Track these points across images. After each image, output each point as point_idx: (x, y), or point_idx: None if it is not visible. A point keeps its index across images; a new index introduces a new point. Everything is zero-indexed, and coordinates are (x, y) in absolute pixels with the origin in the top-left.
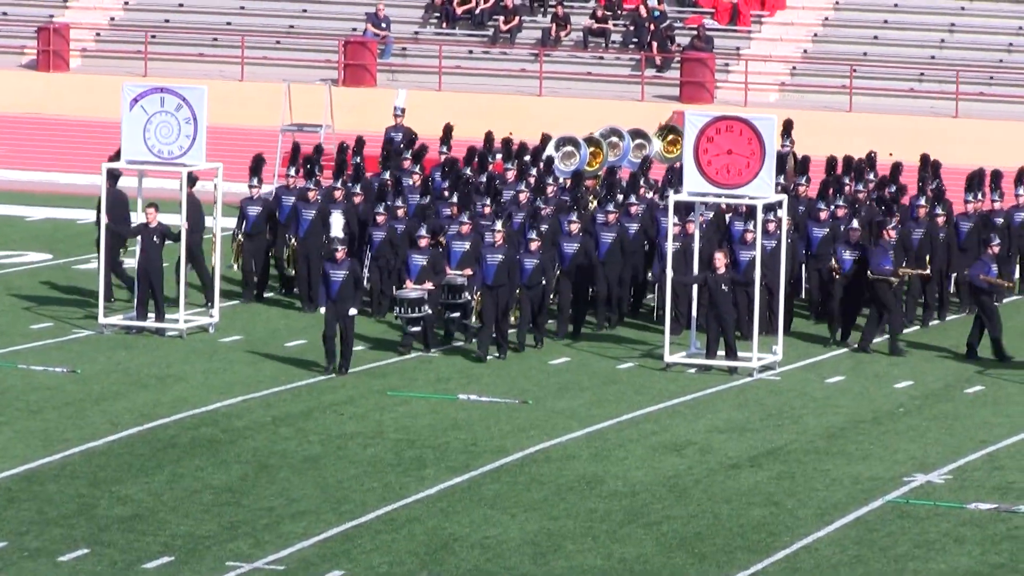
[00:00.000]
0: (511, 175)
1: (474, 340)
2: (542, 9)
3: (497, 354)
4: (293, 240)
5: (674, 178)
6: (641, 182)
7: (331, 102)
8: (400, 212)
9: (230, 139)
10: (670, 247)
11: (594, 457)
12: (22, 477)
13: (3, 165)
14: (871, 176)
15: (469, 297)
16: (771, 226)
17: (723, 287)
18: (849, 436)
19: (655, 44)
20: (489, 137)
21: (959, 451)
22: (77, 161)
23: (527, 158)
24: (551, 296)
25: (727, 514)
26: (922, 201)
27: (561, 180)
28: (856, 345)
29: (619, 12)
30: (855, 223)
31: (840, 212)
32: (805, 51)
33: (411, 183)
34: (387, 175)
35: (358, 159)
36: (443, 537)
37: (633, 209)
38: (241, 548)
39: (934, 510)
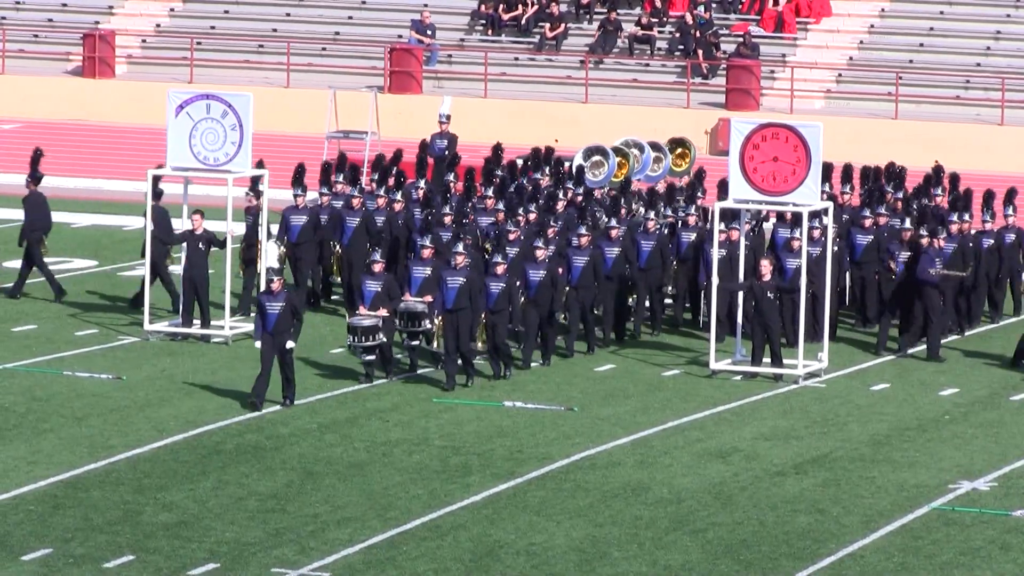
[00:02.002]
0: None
1: (440, 368)
2: (587, 16)
3: (465, 381)
4: (337, 247)
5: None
6: (621, 203)
7: (376, 109)
8: (447, 220)
9: (276, 146)
10: (715, 254)
11: (639, 464)
12: (67, 484)
13: (49, 172)
14: (938, 191)
15: (430, 324)
16: (816, 233)
17: (769, 294)
18: (894, 443)
19: (700, 51)
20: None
21: (1004, 458)
22: (123, 168)
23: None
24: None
25: (772, 521)
26: (953, 217)
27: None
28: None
29: (665, 19)
30: (907, 222)
31: (882, 220)
32: (851, 58)
33: (453, 192)
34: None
35: (394, 167)
36: (488, 544)
37: (613, 233)
38: (286, 555)
39: (979, 517)
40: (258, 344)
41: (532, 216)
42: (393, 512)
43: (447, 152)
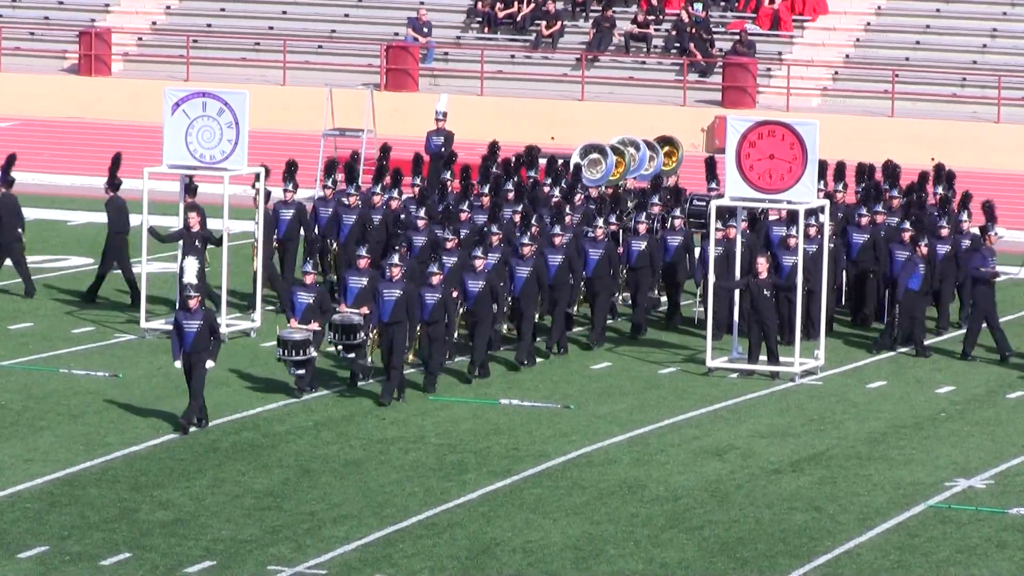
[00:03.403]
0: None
1: (372, 380)
2: (584, 14)
3: (397, 396)
4: (335, 246)
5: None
6: (568, 210)
7: (373, 107)
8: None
9: (272, 144)
10: (712, 252)
11: (636, 462)
12: (64, 481)
13: (45, 169)
14: (939, 189)
15: (365, 336)
16: (812, 231)
17: (765, 292)
18: (891, 441)
19: (696, 48)
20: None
21: (1001, 456)
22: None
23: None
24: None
25: (769, 519)
26: (944, 222)
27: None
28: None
29: (661, 17)
30: (907, 224)
31: (879, 218)
32: (847, 56)
33: (451, 190)
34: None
35: (384, 162)
36: (485, 542)
37: (557, 240)
38: (283, 552)
39: (976, 515)
40: (177, 364)
41: (517, 217)
42: (389, 510)
43: (443, 149)
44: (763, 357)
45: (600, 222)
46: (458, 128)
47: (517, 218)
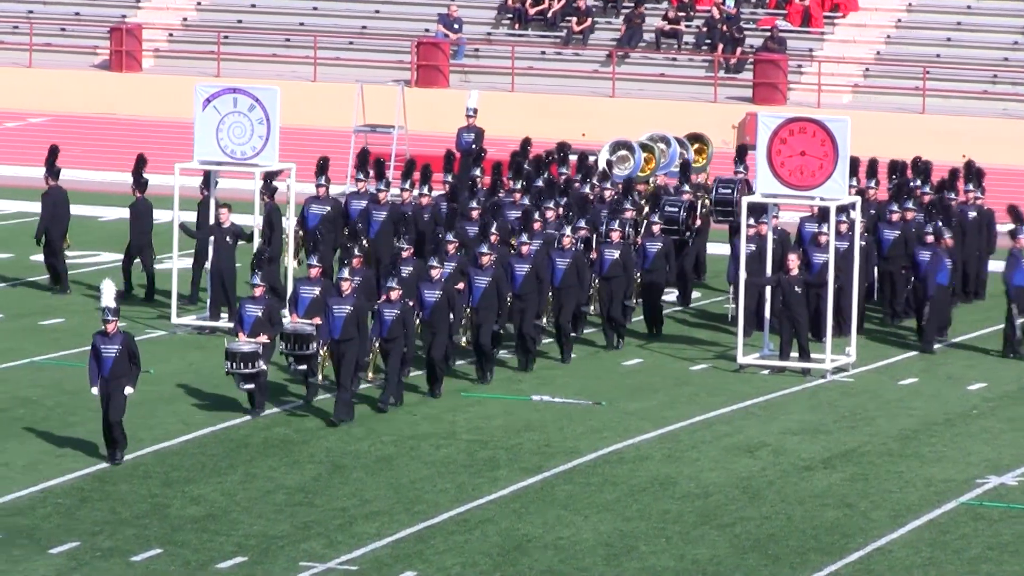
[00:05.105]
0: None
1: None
2: (614, 10)
3: (344, 417)
4: (364, 241)
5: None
6: (537, 216)
7: (404, 103)
8: (474, 214)
9: (303, 140)
10: (743, 248)
11: (667, 458)
12: (95, 477)
13: (76, 165)
14: (969, 186)
15: (317, 349)
16: (843, 227)
17: (796, 289)
18: (922, 438)
19: (724, 46)
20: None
21: None
22: (150, 161)
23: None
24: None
25: (800, 516)
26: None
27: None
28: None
29: (692, 14)
30: (929, 227)
31: (910, 215)
32: (878, 53)
33: (481, 186)
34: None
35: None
36: (516, 538)
37: (524, 249)
38: (314, 548)
39: (1007, 512)
40: (95, 391)
41: (550, 214)
42: (421, 506)
43: (474, 146)
44: (794, 354)
45: (568, 230)
46: (488, 125)
47: (551, 215)
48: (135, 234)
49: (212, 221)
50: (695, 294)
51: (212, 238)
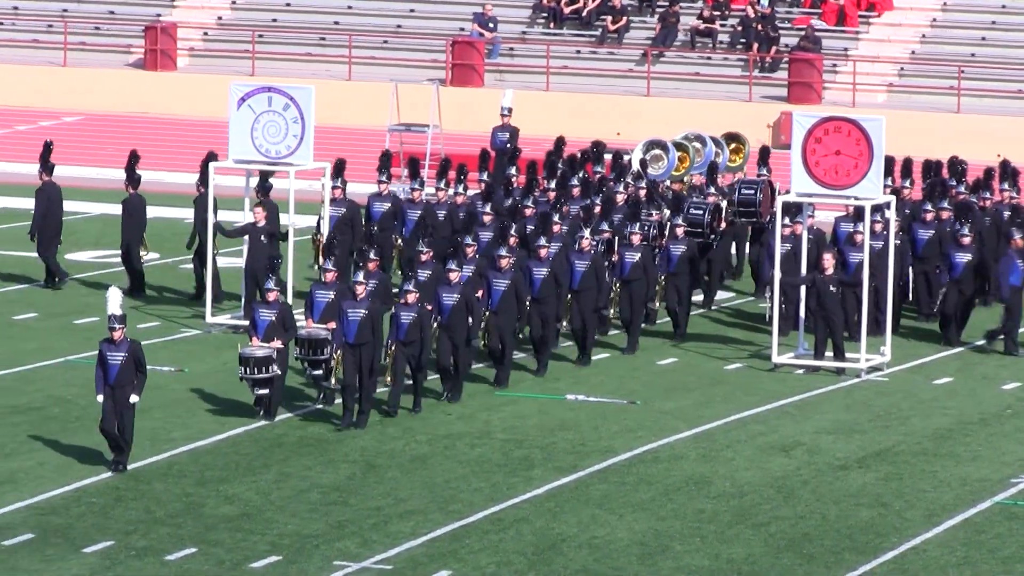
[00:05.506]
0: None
1: (332, 403)
2: (649, 9)
3: (355, 424)
4: (399, 240)
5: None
6: (556, 219)
7: (439, 102)
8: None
9: (337, 139)
10: (778, 248)
11: (702, 458)
12: (129, 476)
13: (110, 164)
14: (1004, 185)
15: (331, 354)
16: (878, 227)
17: (831, 288)
18: (957, 437)
19: (758, 45)
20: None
21: None
22: (184, 161)
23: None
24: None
25: (835, 515)
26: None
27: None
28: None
29: (727, 13)
30: (965, 228)
31: (944, 215)
32: (913, 52)
33: (516, 185)
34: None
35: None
36: (551, 537)
37: (543, 252)
38: (349, 547)
39: None
40: (99, 399)
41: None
42: (455, 505)
43: (509, 145)
44: (829, 353)
45: (586, 233)
46: (523, 124)
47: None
48: (127, 230)
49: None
50: (727, 294)
51: (247, 237)
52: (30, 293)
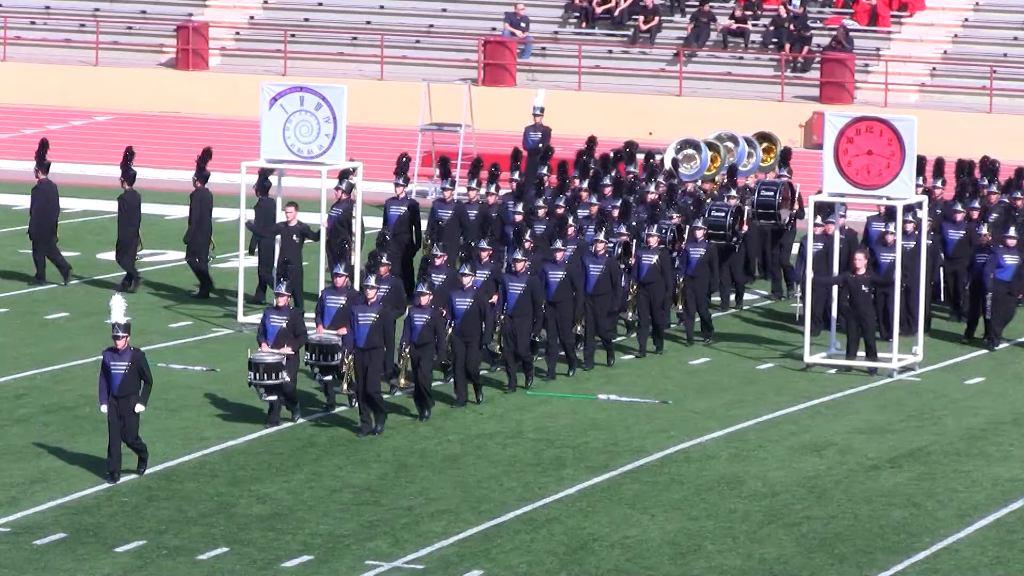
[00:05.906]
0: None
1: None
2: (681, 9)
3: (375, 427)
4: (429, 241)
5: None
6: (570, 220)
7: (471, 102)
8: (541, 212)
9: (370, 138)
10: (810, 248)
11: (734, 457)
12: (161, 475)
13: (142, 164)
14: None
15: (342, 359)
16: (909, 227)
17: (863, 288)
18: (989, 437)
19: (790, 45)
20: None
21: None
22: (216, 160)
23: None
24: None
25: (867, 515)
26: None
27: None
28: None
29: (759, 12)
30: (984, 228)
31: (975, 215)
32: (945, 52)
33: (548, 185)
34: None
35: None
36: (583, 537)
37: (559, 255)
38: (380, 547)
39: None
40: (103, 409)
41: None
42: (487, 505)
43: (540, 145)
44: (861, 353)
45: (600, 236)
46: (555, 123)
47: (615, 212)
48: (122, 227)
49: (279, 219)
50: (751, 296)
51: (279, 236)
52: (61, 293)
